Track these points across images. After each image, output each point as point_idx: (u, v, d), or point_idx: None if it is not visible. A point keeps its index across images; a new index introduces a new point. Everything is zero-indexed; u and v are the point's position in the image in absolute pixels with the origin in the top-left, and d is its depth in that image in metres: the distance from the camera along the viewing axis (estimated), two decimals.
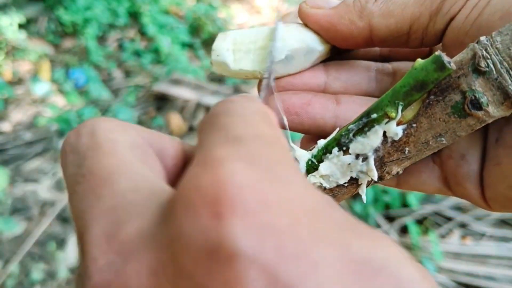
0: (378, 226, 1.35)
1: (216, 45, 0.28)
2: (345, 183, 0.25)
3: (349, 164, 0.24)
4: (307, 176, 0.25)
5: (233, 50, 0.28)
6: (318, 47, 0.28)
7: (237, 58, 0.28)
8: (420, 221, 1.36)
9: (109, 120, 0.17)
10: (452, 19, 0.24)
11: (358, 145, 0.24)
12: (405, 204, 1.38)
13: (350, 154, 0.24)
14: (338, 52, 0.29)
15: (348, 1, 0.27)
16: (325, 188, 0.25)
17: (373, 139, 0.24)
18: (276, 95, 0.28)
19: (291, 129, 0.29)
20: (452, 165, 0.27)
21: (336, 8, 0.27)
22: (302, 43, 0.28)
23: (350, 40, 0.27)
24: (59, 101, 1.85)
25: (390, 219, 1.38)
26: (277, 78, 0.29)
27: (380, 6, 0.26)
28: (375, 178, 0.24)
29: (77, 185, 0.15)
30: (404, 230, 1.35)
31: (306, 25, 0.28)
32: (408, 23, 0.25)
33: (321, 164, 0.25)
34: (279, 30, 0.28)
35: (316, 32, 0.28)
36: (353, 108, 0.28)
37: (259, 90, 0.30)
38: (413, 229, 1.31)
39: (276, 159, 0.13)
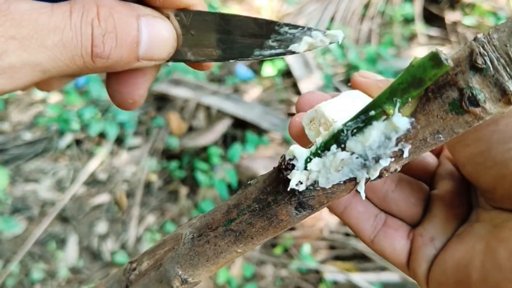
0: None
1: (318, 109, 0.30)
2: (341, 181, 0.25)
3: (345, 161, 0.24)
4: (303, 174, 0.25)
5: (314, 118, 0.30)
6: None
7: (311, 126, 0.31)
8: None
9: None
10: None
11: (356, 142, 0.24)
12: None
13: (347, 151, 0.24)
14: None
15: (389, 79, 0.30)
16: (323, 188, 0.25)
17: (371, 136, 0.23)
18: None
19: None
20: (419, 242, 0.30)
21: (378, 80, 0.31)
22: None
23: None
24: (59, 101, 1.85)
25: None
26: None
27: None
28: (374, 177, 0.24)
29: None
30: None
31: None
32: None
33: (312, 161, 0.25)
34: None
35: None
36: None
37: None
38: None
39: None
